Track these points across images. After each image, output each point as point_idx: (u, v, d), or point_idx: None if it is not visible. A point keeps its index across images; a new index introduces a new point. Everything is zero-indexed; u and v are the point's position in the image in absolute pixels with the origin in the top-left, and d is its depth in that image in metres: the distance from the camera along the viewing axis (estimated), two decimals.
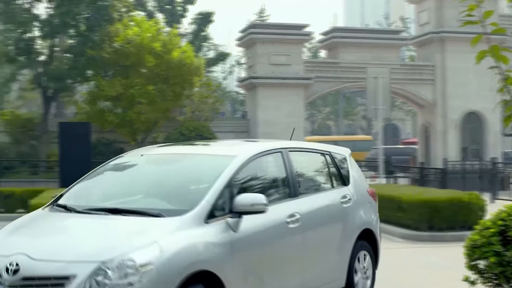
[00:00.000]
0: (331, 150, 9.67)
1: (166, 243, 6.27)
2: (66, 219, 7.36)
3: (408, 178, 24.66)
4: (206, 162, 7.99)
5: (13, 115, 34.72)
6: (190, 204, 6.88)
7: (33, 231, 7.10)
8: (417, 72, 37.93)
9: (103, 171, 8.42)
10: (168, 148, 9.02)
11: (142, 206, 7.17)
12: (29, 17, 31.52)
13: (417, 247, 14.94)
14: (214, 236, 6.74)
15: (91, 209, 7.25)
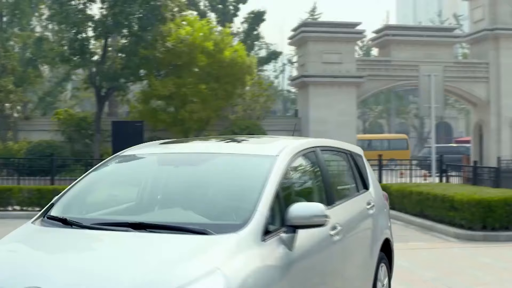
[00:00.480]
0: (351, 149, 8.51)
1: (230, 271, 4.78)
2: (76, 238, 5.61)
3: (461, 177, 24.38)
4: (240, 163, 6.49)
5: (68, 114, 35.16)
6: (240, 217, 5.48)
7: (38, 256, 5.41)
8: (471, 70, 37.54)
9: (103, 173, 6.83)
10: (184, 146, 7.45)
11: (176, 220, 5.63)
12: (83, 17, 31.89)
13: (470, 247, 14.79)
14: (274, 259, 5.35)
15: (103, 224, 5.66)
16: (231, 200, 6.01)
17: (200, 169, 6.60)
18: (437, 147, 35.75)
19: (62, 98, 58.02)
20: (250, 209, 5.54)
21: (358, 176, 8.24)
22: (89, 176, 6.75)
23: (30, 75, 39.12)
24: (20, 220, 19.80)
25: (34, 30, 46.93)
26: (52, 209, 6.27)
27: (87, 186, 6.64)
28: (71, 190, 6.51)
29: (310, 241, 5.98)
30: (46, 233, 5.90)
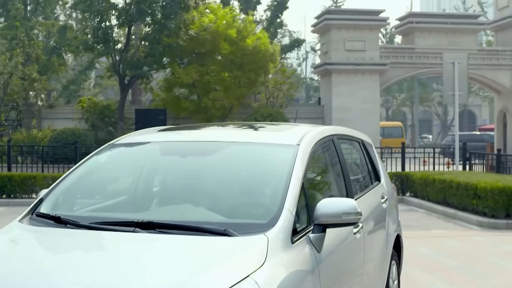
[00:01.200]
0: (362, 138, 7.79)
1: (263, 277, 4.10)
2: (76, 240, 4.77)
3: (484, 165, 24.28)
4: (258, 153, 5.73)
5: (91, 102, 35.34)
6: (266, 215, 4.78)
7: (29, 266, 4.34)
8: (495, 57, 37.33)
9: (97, 164, 5.99)
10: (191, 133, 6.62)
11: (189, 219, 4.87)
12: (107, 6, 31.99)
13: (493, 235, 14.74)
14: (304, 262, 4.71)
15: (105, 223, 4.87)
16: (252, 196, 5.31)
17: (212, 159, 5.78)
18: (461, 135, 35.63)
19: (86, 86, 58.34)
20: (277, 206, 4.82)
21: (370, 167, 7.62)
22: (81, 167, 5.84)
23: (54, 64, 39.34)
24: None
25: (58, 18, 47.14)
26: (42, 205, 5.38)
27: (80, 178, 5.77)
28: (62, 183, 5.62)
29: (335, 240, 5.34)
30: (38, 233, 5.04)
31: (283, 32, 63.46)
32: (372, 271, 6.54)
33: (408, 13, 40.66)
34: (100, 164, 5.98)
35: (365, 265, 6.23)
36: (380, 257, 6.85)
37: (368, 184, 7.33)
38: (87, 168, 5.84)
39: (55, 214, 5.07)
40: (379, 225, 6.95)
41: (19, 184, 21.15)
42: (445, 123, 73.79)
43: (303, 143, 5.59)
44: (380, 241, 6.92)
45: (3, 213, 18.86)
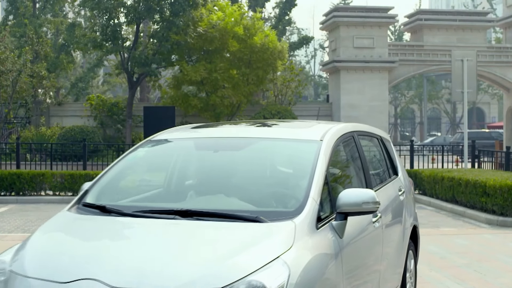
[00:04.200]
0: (381, 134, 8.25)
1: (291, 259, 4.65)
2: (122, 226, 5.35)
3: (493, 163, 24.21)
4: (283, 148, 6.29)
5: (100, 99, 35.37)
6: (293, 204, 5.32)
7: (85, 246, 5.04)
8: (504, 54, 37.24)
9: (136, 158, 6.57)
10: (220, 130, 7.24)
11: (222, 207, 5.42)
12: (115, 3, 31.99)
13: (502, 233, 14.70)
14: (328, 246, 5.19)
15: (147, 211, 5.42)
16: (280, 187, 5.83)
17: (241, 154, 6.33)
18: (470, 132, 35.58)
19: (94, 84, 58.48)
20: (303, 195, 5.34)
21: (388, 162, 8.07)
22: (122, 161, 6.42)
23: (63, 61, 39.44)
24: (53, 205, 20.11)
25: (66, 16, 47.27)
26: (87, 196, 5.92)
27: (121, 172, 6.34)
28: (105, 177, 6.17)
29: (356, 227, 5.81)
30: (87, 221, 5.54)
31: (291, 29, 63.52)
32: (391, 258, 6.96)
33: (416, 10, 40.58)
34: (139, 158, 6.58)
35: (384, 251, 6.65)
36: (397, 245, 7.28)
37: (386, 177, 7.76)
38: (127, 163, 6.45)
39: (100, 204, 5.65)
40: (396, 215, 7.37)
41: (27, 181, 21.22)
42: (454, 121, 73.68)
43: (325, 138, 6.11)
44: (397, 230, 7.33)
45: (12, 210, 18.92)
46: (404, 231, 7.59)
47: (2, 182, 21.16)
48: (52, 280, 4.55)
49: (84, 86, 46.97)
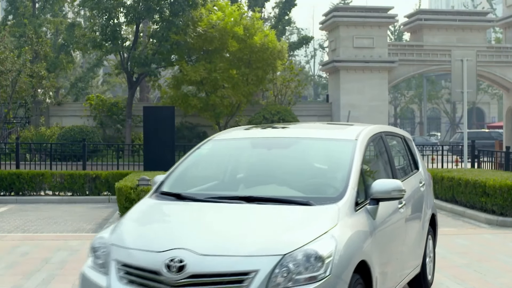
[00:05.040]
0: (403, 134, 9.49)
1: (337, 233, 5.92)
2: (199, 209, 6.62)
3: (493, 163, 24.20)
4: (324, 146, 7.59)
5: (99, 99, 35.36)
6: (335, 192, 6.57)
7: (173, 223, 6.45)
8: (504, 54, 37.24)
9: (200, 155, 7.85)
10: (270, 131, 8.50)
11: (277, 194, 6.67)
12: (115, 3, 31.94)
13: (502, 233, 14.70)
14: (364, 225, 6.45)
15: (216, 198, 6.74)
16: (323, 178, 7.12)
17: (290, 151, 7.61)
18: (469, 132, 35.58)
19: (94, 84, 58.44)
20: (343, 185, 6.62)
21: (410, 158, 9.27)
22: (189, 157, 7.74)
23: (62, 61, 39.37)
24: (52, 205, 20.09)
25: (66, 16, 47.22)
26: (163, 186, 7.23)
27: (188, 166, 7.66)
28: (176, 170, 7.50)
29: (385, 211, 7.07)
30: (168, 205, 6.91)
31: (291, 29, 63.49)
32: (413, 240, 8.23)
33: (416, 10, 40.57)
34: (203, 155, 7.88)
35: (407, 234, 7.93)
36: (418, 230, 8.54)
37: (409, 171, 9.01)
38: (193, 158, 7.75)
39: (175, 192, 7.01)
40: (417, 204, 8.60)
41: (27, 181, 21.22)
42: (454, 121, 73.67)
43: (359, 138, 7.42)
44: (418, 217, 8.59)
45: (12, 210, 18.91)
46: (424, 218, 8.82)
47: (2, 182, 21.16)
48: (149, 250, 5.83)
49: (83, 86, 46.91)
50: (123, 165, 25.07)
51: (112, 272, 5.94)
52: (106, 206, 19.82)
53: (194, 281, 5.53)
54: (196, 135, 34.46)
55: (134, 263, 5.84)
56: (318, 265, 5.59)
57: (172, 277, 5.56)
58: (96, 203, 20.46)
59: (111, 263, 5.99)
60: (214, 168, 7.88)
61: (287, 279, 5.50)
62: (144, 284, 5.72)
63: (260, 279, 5.46)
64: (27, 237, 13.85)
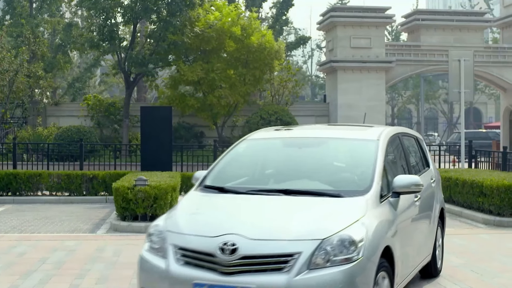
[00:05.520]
0: (416, 134, 10.40)
1: (366, 221, 6.87)
2: (244, 200, 7.50)
3: (490, 163, 24.21)
4: (350, 145, 8.57)
5: (96, 99, 35.34)
6: (362, 186, 7.50)
7: (223, 213, 7.26)
8: (501, 55, 37.26)
9: (237, 153, 8.73)
10: (299, 131, 9.54)
11: (309, 188, 7.62)
12: (112, 3, 31.90)
13: (499, 233, 14.71)
14: (387, 215, 7.41)
15: (260, 190, 7.64)
16: (351, 173, 8.01)
17: (319, 150, 8.57)
18: (466, 132, 35.59)
19: (91, 84, 58.38)
20: (369, 180, 7.55)
21: (422, 156, 10.21)
22: (227, 155, 8.62)
23: (60, 61, 39.29)
24: (50, 205, 20.07)
25: (63, 16, 47.11)
26: (206, 181, 8.15)
27: (227, 162, 8.52)
28: (216, 167, 8.40)
29: (404, 204, 8.01)
30: (214, 197, 7.80)
31: (288, 29, 63.45)
32: (425, 231, 9.15)
33: (414, 11, 40.57)
34: (240, 153, 8.74)
35: (421, 225, 8.90)
36: (430, 222, 9.42)
37: (421, 168, 9.87)
38: (231, 156, 8.63)
39: (219, 186, 7.92)
40: (429, 198, 9.49)
41: (24, 181, 21.16)
42: (451, 121, 73.69)
43: (381, 138, 8.38)
44: (430, 210, 9.48)
45: (9, 210, 18.88)
46: (434, 211, 9.72)
47: None
48: (204, 235, 6.71)
49: (81, 86, 46.83)
50: (120, 165, 25.04)
51: (169, 255, 6.81)
52: (103, 206, 19.79)
53: (245, 261, 6.43)
54: (193, 135, 34.46)
55: (190, 247, 6.72)
56: (352, 248, 6.50)
57: (225, 258, 6.46)
58: (93, 203, 20.42)
59: (168, 247, 6.87)
60: (250, 164, 8.67)
61: (325, 260, 6.41)
62: (199, 265, 6.61)
63: (303, 260, 6.38)
64: (24, 237, 13.84)
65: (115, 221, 15.60)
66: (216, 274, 6.48)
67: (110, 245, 12.77)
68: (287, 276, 6.34)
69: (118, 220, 15.67)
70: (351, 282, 6.41)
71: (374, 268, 6.68)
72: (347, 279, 6.38)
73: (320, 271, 6.37)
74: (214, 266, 6.50)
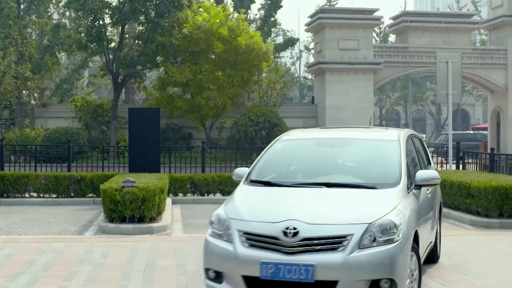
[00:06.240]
0: (419, 136, 11.44)
1: (402, 209, 8.07)
2: (294, 192, 8.60)
3: (478, 164, 24.28)
4: (375, 145, 9.74)
5: (84, 101, 35.24)
6: (393, 179, 8.67)
7: (279, 202, 8.34)
8: (489, 56, 37.33)
9: (274, 152, 9.76)
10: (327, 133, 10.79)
11: (350, 181, 8.77)
12: (100, 4, 31.82)
13: (486, 234, 14.75)
14: (414, 204, 8.62)
15: (304, 184, 8.78)
16: (379, 169, 9.11)
17: (349, 149, 9.76)
18: (454, 134, 35.69)
19: (79, 85, 58.22)
20: (398, 174, 8.76)
21: (425, 155, 11.25)
22: (265, 154, 9.67)
23: (48, 62, 39.17)
24: (37, 207, 20.01)
25: (51, 17, 46.99)
26: (250, 176, 9.18)
27: (267, 160, 9.56)
28: (257, 164, 9.42)
29: (422, 194, 9.29)
30: (263, 189, 8.84)
31: (276, 31, 63.45)
32: (432, 218, 10.26)
33: (402, 12, 40.58)
34: (277, 152, 9.79)
35: (431, 212, 10.08)
36: (434, 212, 10.51)
37: (427, 165, 11.03)
38: (269, 155, 9.67)
39: (265, 180, 9.02)
40: (434, 192, 10.67)
41: (11, 183, 21.11)
42: (439, 122, 73.84)
43: (400, 139, 9.60)
44: (435, 202, 10.70)
45: None
46: (437, 203, 10.86)
47: None
48: (267, 221, 7.79)
49: (68, 87, 46.67)
50: (108, 167, 24.97)
51: (235, 239, 7.83)
52: (91, 208, 19.75)
53: (306, 243, 7.52)
54: (181, 136, 34.41)
55: (254, 231, 7.78)
56: (393, 230, 7.68)
57: (288, 240, 7.55)
58: (81, 205, 20.38)
59: (234, 232, 7.90)
60: (288, 161, 9.72)
61: (371, 240, 7.56)
62: (264, 247, 7.66)
63: (354, 241, 7.51)
64: (11, 239, 13.79)
65: (103, 223, 15.57)
66: (281, 254, 7.54)
67: (98, 247, 12.74)
68: (343, 254, 7.45)
69: (106, 222, 15.63)
70: (394, 259, 7.55)
71: (410, 248, 7.93)
72: (391, 257, 7.53)
73: (369, 250, 7.51)
74: (278, 247, 7.57)
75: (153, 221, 15.71)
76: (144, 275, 10.38)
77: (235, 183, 22.48)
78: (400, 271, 7.66)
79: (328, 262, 7.43)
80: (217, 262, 7.96)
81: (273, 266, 7.50)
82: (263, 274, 7.55)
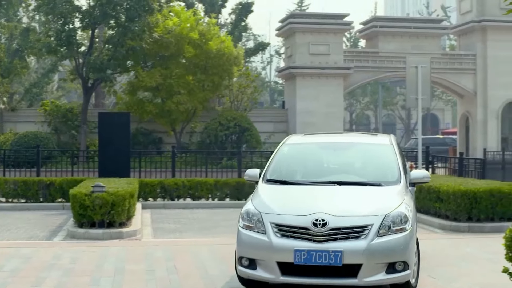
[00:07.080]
0: None
1: (407, 202, 9.35)
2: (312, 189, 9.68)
3: (447, 169, 24.44)
4: (371, 148, 10.96)
5: (54, 105, 35.00)
6: (394, 178, 9.95)
7: (304, 198, 9.44)
8: (458, 62, 37.63)
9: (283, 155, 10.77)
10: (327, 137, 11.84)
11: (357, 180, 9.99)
12: (70, 8, 31.65)
13: (455, 238, 14.86)
14: (411, 200, 9.87)
15: (318, 182, 9.91)
16: (381, 170, 10.32)
17: (350, 152, 11.01)
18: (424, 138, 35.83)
19: (49, 89, 57.72)
20: (398, 173, 10.03)
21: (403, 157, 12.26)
22: (275, 157, 10.65)
23: (17, 66, 38.82)
24: (5, 212, 19.85)
25: (20, 20, 46.62)
26: (266, 175, 10.24)
27: (277, 161, 10.59)
28: (270, 165, 10.45)
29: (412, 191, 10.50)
30: (283, 187, 9.94)
31: (247, 35, 63.38)
32: None
33: (372, 17, 40.83)
34: (285, 154, 10.82)
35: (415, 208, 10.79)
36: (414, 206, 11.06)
37: None
38: (278, 157, 10.68)
39: (281, 179, 10.11)
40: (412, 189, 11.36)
41: None
42: (409, 127, 74.20)
43: (392, 143, 10.87)
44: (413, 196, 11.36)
45: None
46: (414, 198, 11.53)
47: None
48: (298, 214, 8.89)
49: (38, 91, 46.28)
50: (77, 171, 24.85)
51: (269, 230, 8.87)
52: (60, 213, 19.63)
53: (333, 232, 8.66)
54: (151, 141, 34.30)
55: (286, 223, 8.84)
56: (404, 221, 8.95)
57: (318, 230, 8.66)
58: (50, 210, 20.25)
59: (267, 224, 8.93)
60: (296, 163, 10.74)
61: (387, 229, 8.79)
62: (295, 236, 8.73)
63: (374, 230, 8.73)
64: None
65: (72, 228, 15.49)
66: (311, 242, 8.63)
67: (67, 252, 12.67)
68: (365, 241, 8.64)
69: (75, 227, 15.55)
70: (407, 244, 8.85)
71: (415, 236, 9.29)
72: (405, 243, 8.82)
73: (386, 237, 8.74)
74: (309, 236, 8.67)
75: (123, 226, 15.65)
76: (114, 280, 10.33)
77: (206, 188, 22.60)
78: (411, 255, 8.96)
79: (354, 248, 8.59)
80: (252, 251, 8.97)
81: (306, 253, 8.58)
82: (297, 260, 8.60)
